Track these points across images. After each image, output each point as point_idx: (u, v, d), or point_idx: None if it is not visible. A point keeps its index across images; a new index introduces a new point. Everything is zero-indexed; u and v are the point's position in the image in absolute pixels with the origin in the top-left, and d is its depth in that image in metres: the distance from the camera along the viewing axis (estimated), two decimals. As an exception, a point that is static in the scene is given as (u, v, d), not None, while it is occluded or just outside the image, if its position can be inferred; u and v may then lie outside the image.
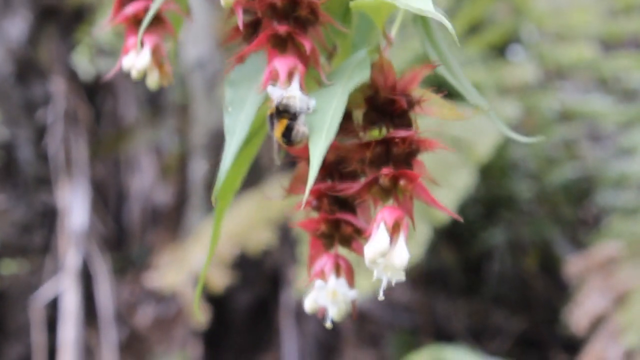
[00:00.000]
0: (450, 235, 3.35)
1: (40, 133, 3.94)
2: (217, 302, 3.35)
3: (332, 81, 0.85)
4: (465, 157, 2.82)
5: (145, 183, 4.01)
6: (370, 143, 0.82)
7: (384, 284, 0.79)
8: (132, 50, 0.97)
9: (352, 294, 0.86)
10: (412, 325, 3.57)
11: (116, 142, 4.13)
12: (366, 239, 0.86)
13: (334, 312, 0.85)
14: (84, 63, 3.73)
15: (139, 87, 4.02)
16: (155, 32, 0.98)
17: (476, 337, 3.56)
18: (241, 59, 0.89)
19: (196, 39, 3.55)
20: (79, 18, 3.96)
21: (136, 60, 0.96)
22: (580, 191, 3.37)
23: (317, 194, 0.88)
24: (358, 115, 0.87)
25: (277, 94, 0.81)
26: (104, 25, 1.03)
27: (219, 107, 3.41)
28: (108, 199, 4.10)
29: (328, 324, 0.85)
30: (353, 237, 0.89)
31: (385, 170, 0.80)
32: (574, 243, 3.37)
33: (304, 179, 0.91)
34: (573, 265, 2.95)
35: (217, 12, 3.56)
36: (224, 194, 0.96)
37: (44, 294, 3.67)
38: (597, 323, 2.74)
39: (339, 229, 0.88)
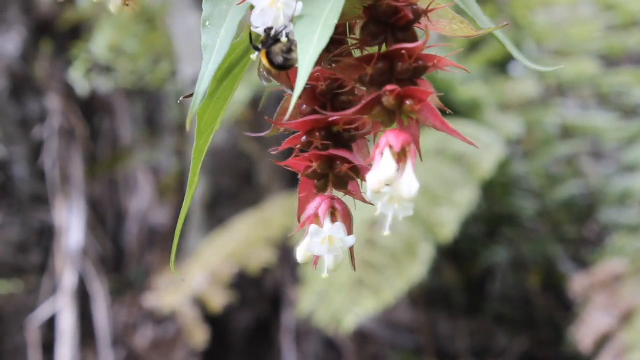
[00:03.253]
0: (452, 254, 3.32)
1: (36, 150, 3.91)
2: (217, 322, 3.31)
3: None
4: (467, 174, 2.79)
5: (143, 203, 3.98)
6: (372, 57, 0.73)
7: (389, 219, 0.71)
8: None
9: (350, 240, 0.76)
10: (414, 346, 3.53)
11: (114, 161, 4.10)
12: (363, 178, 0.78)
13: (331, 262, 0.76)
14: (80, 79, 3.69)
15: (136, 106, 4.00)
16: None
17: (479, 357, 3.53)
18: None
19: (192, 58, 3.52)
20: (75, 34, 3.94)
21: None
22: (583, 208, 3.34)
23: (308, 128, 0.79)
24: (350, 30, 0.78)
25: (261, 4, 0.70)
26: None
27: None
28: (106, 219, 4.06)
29: (324, 275, 0.76)
30: (349, 176, 0.79)
31: (390, 87, 0.71)
32: (577, 261, 3.34)
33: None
34: (577, 283, 2.93)
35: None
36: (203, 130, 0.84)
37: (41, 314, 3.63)
38: (603, 341, 2.72)
39: (333, 167, 0.78)
